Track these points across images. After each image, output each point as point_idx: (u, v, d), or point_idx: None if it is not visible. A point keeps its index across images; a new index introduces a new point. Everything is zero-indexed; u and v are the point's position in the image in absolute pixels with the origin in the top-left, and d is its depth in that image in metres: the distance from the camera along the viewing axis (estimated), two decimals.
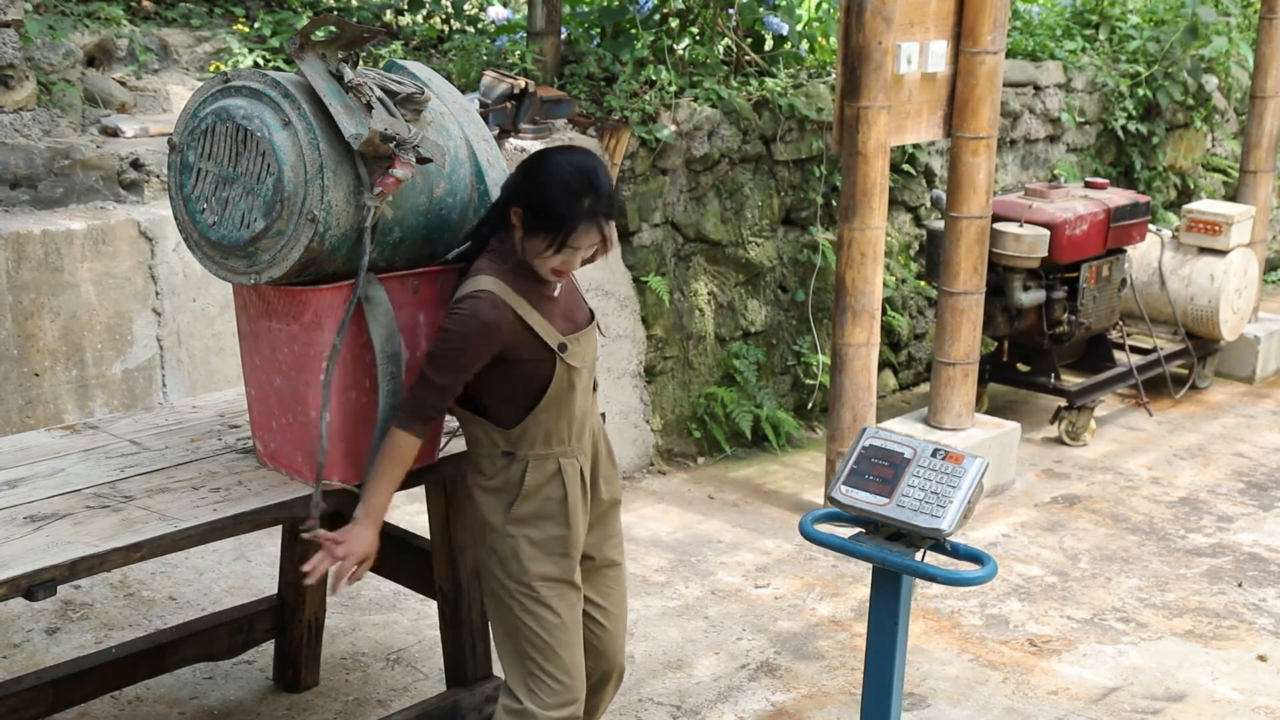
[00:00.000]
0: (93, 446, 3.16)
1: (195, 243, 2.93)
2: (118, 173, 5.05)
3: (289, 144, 2.78)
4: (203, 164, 2.86)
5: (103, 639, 4.14)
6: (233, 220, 2.83)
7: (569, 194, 2.82)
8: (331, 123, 2.79)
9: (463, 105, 3.12)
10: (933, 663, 4.27)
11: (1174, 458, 6.18)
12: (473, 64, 5.92)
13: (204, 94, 2.90)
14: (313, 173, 2.78)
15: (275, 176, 2.77)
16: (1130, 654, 4.38)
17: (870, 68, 4.91)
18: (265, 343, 3.00)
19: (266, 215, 2.79)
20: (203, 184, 2.87)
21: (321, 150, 2.79)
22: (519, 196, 2.86)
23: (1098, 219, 6.24)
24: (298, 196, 2.78)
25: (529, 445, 2.95)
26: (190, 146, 2.88)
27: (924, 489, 2.83)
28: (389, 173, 2.81)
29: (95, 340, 4.79)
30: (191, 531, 2.77)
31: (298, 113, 2.79)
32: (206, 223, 2.87)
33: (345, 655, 4.17)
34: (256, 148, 2.78)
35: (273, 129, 2.78)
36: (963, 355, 5.57)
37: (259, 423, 3.08)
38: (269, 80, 2.82)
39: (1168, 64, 8.01)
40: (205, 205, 2.87)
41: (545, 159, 2.89)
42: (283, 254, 2.82)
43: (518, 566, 2.98)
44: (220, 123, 2.82)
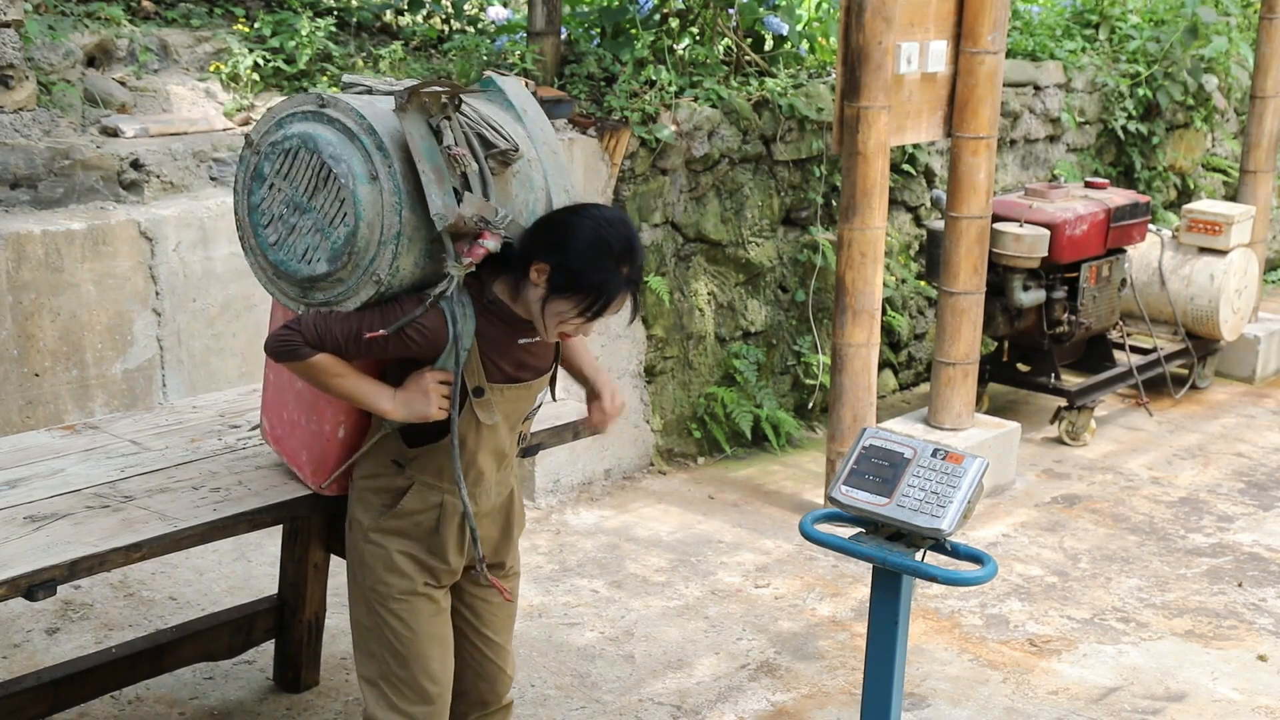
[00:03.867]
0: (93, 446, 3.17)
1: (250, 248, 2.83)
2: (118, 173, 5.05)
3: (372, 200, 2.65)
4: (277, 181, 2.74)
5: (103, 639, 4.14)
6: (295, 250, 2.73)
7: (609, 260, 2.69)
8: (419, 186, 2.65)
9: (551, 146, 2.93)
10: (933, 663, 4.27)
11: (1174, 458, 6.18)
12: (473, 64, 5.92)
13: (294, 108, 2.75)
14: (388, 236, 2.66)
15: (350, 229, 2.65)
16: (1130, 654, 4.37)
17: (870, 68, 4.91)
18: None
19: (331, 262, 2.68)
20: (273, 199, 2.75)
21: (403, 217, 2.66)
22: (549, 253, 2.70)
23: (1098, 219, 6.24)
24: (367, 254, 2.67)
25: (419, 470, 2.85)
26: (268, 157, 2.75)
27: (924, 489, 2.83)
28: (478, 244, 2.67)
29: (95, 340, 4.79)
30: (191, 531, 2.77)
31: (388, 170, 2.65)
32: (267, 239, 2.77)
33: (345, 655, 4.16)
34: (337, 192, 2.65)
35: (358, 179, 2.65)
36: (963, 355, 5.57)
37: (272, 406, 3.06)
38: (365, 125, 2.67)
39: (1168, 64, 8.01)
40: (270, 221, 2.76)
41: (581, 219, 2.74)
42: (337, 300, 2.74)
43: (374, 575, 2.89)
44: (305, 150, 2.69)
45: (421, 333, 2.70)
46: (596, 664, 4.17)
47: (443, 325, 2.71)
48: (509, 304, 2.77)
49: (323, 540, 3.81)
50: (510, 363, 2.83)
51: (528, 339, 2.83)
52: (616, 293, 2.71)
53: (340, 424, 2.94)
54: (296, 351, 2.74)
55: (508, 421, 2.88)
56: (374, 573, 2.89)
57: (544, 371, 2.92)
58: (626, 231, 2.75)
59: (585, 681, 4.08)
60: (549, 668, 4.14)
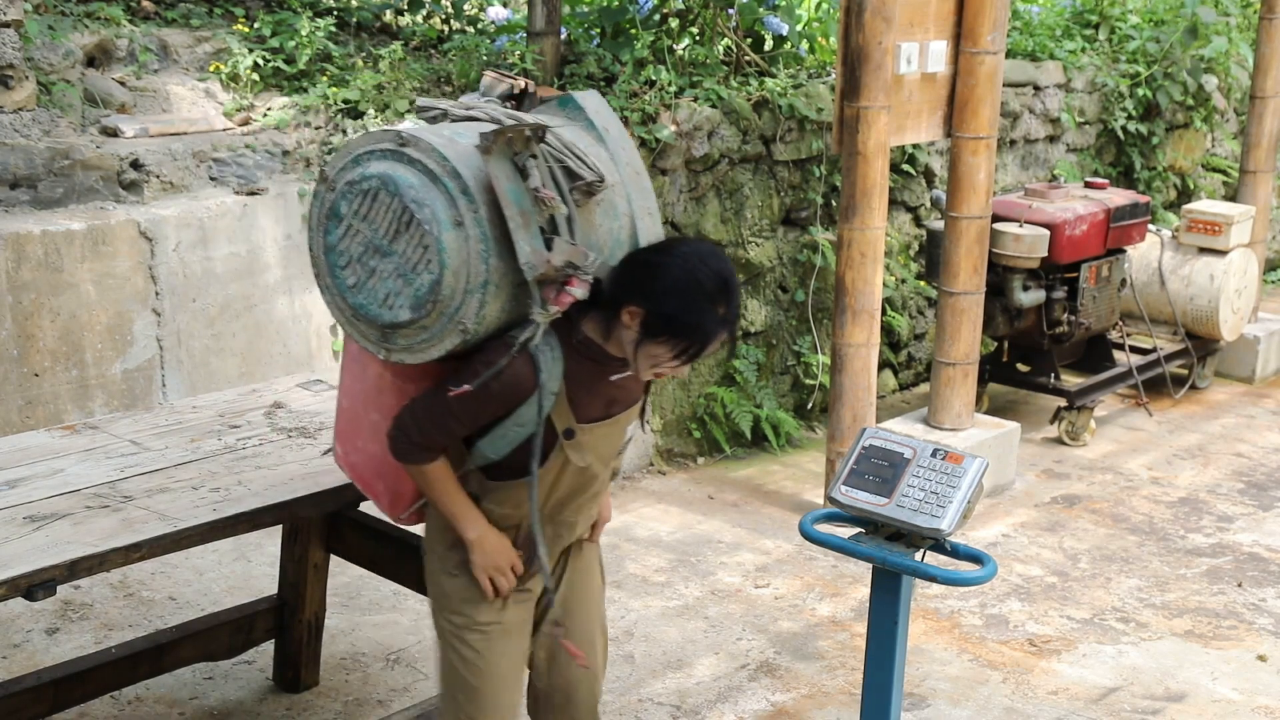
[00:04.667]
0: (92, 446, 3.17)
1: (325, 286, 2.69)
2: (117, 173, 5.05)
3: (457, 247, 2.52)
4: (356, 222, 2.60)
5: (102, 639, 4.14)
6: (375, 294, 2.59)
7: (704, 302, 2.57)
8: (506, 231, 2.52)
9: (634, 167, 2.78)
10: (933, 663, 4.27)
11: (1174, 458, 6.18)
12: (473, 64, 5.92)
13: (372, 145, 2.60)
14: (474, 285, 2.53)
15: (434, 277, 2.52)
16: (1130, 654, 4.37)
17: (870, 68, 4.91)
18: (373, 382, 2.83)
19: (414, 309, 2.55)
20: (350, 241, 2.61)
21: (490, 265, 2.53)
22: (641, 297, 2.58)
23: (1097, 219, 6.24)
24: (452, 303, 2.54)
25: (497, 503, 2.79)
26: (345, 197, 2.60)
27: (924, 489, 2.83)
28: (566, 290, 2.56)
29: (95, 340, 4.79)
30: (191, 531, 2.77)
31: (474, 216, 2.52)
32: (345, 281, 2.63)
33: (345, 655, 4.16)
34: (420, 239, 2.51)
35: (443, 226, 2.51)
36: (963, 355, 5.57)
37: (346, 434, 2.94)
38: (449, 167, 2.53)
39: (1168, 64, 8.01)
40: (348, 263, 2.62)
41: (673, 258, 2.61)
42: (421, 347, 2.61)
43: (451, 605, 2.85)
44: (386, 193, 2.55)
45: (506, 383, 2.59)
46: None
47: (530, 374, 2.59)
48: (600, 343, 2.67)
49: (322, 540, 3.81)
50: (601, 400, 2.73)
51: (620, 374, 2.72)
52: (713, 335, 2.60)
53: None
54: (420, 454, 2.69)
55: (601, 459, 2.79)
56: (451, 603, 2.84)
57: (634, 403, 2.83)
58: (720, 267, 2.61)
59: None
60: None
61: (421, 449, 2.69)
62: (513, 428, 2.67)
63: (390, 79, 5.80)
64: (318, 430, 3.31)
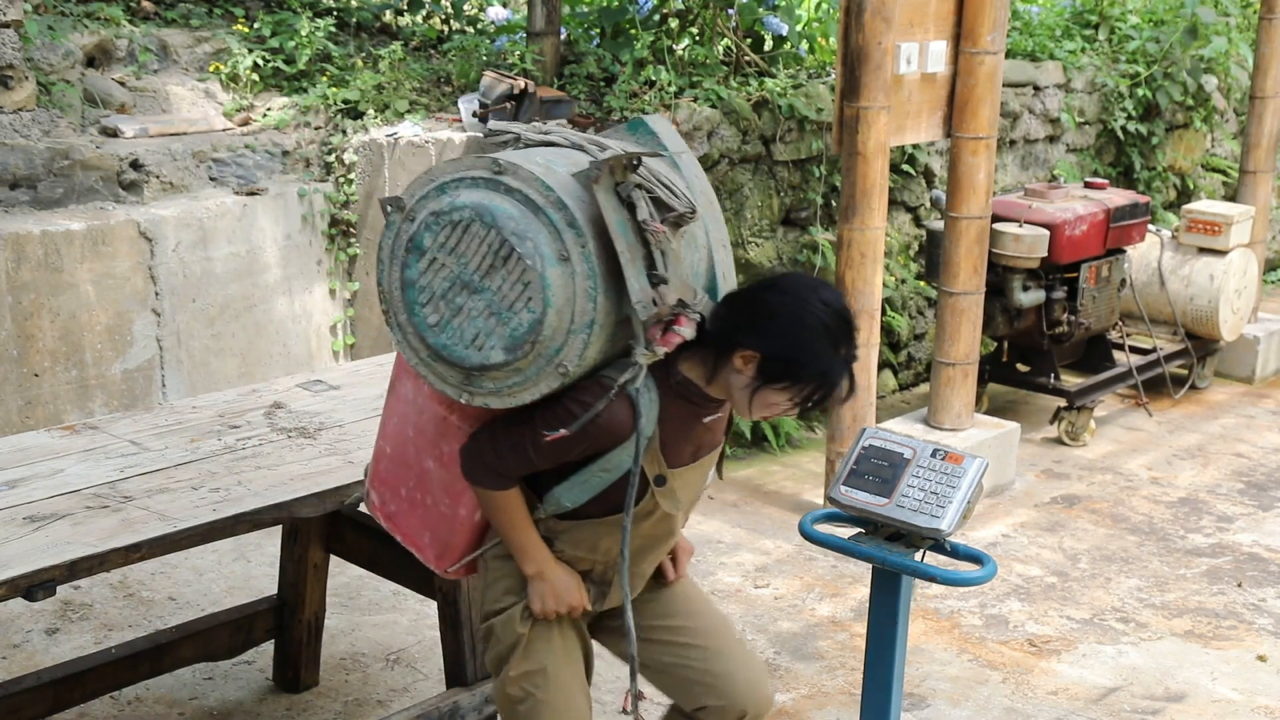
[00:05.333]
0: (92, 447, 3.16)
1: (398, 324, 2.47)
2: (117, 173, 5.06)
3: (562, 284, 2.32)
4: (442, 256, 2.37)
5: (102, 639, 4.14)
6: (462, 334, 2.38)
7: (830, 346, 2.44)
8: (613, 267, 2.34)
9: (708, 196, 2.62)
10: (932, 663, 4.27)
11: (1174, 458, 6.18)
12: (472, 64, 5.92)
13: (460, 172, 2.39)
14: (580, 325, 2.35)
15: (535, 316, 2.31)
16: (1130, 654, 4.37)
17: (870, 68, 4.91)
18: (431, 425, 2.64)
19: (509, 351, 2.35)
20: (434, 276, 2.38)
21: (598, 304, 2.34)
22: (757, 340, 2.43)
23: (1097, 219, 6.23)
24: (553, 343, 2.35)
25: (571, 546, 2.63)
26: (429, 228, 2.37)
27: (924, 489, 2.83)
28: (674, 330, 2.41)
29: (95, 340, 4.79)
30: (191, 531, 2.77)
31: (582, 251, 2.32)
32: (425, 320, 2.41)
33: (345, 655, 4.16)
34: (521, 275, 2.31)
35: (547, 261, 2.30)
36: (962, 355, 5.57)
37: (386, 480, 2.76)
38: (554, 198, 2.32)
39: (1167, 64, 8.01)
40: (429, 300, 2.40)
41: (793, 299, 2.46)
42: (512, 391, 2.42)
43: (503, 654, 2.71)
44: (481, 225, 2.33)
45: (602, 426, 2.44)
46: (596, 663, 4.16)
47: (628, 417, 2.43)
48: (701, 385, 2.52)
49: (322, 540, 3.81)
50: (691, 444, 2.59)
51: (712, 416, 2.60)
52: (838, 380, 2.46)
53: (479, 507, 2.68)
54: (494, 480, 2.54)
55: (683, 507, 2.67)
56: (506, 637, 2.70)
57: (718, 446, 2.69)
58: (841, 306, 2.48)
59: None
60: None
61: (497, 475, 2.54)
62: (598, 473, 2.53)
63: (390, 79, 5.81)
64: (317, 430, 3.31)
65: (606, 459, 2.50)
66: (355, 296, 5.73)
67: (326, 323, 5.67)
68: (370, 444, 3.20)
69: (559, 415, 2.44)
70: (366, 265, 5.68)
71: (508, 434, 2.51)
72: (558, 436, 2.43)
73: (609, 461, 2.50)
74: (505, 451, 2.51)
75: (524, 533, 2.60)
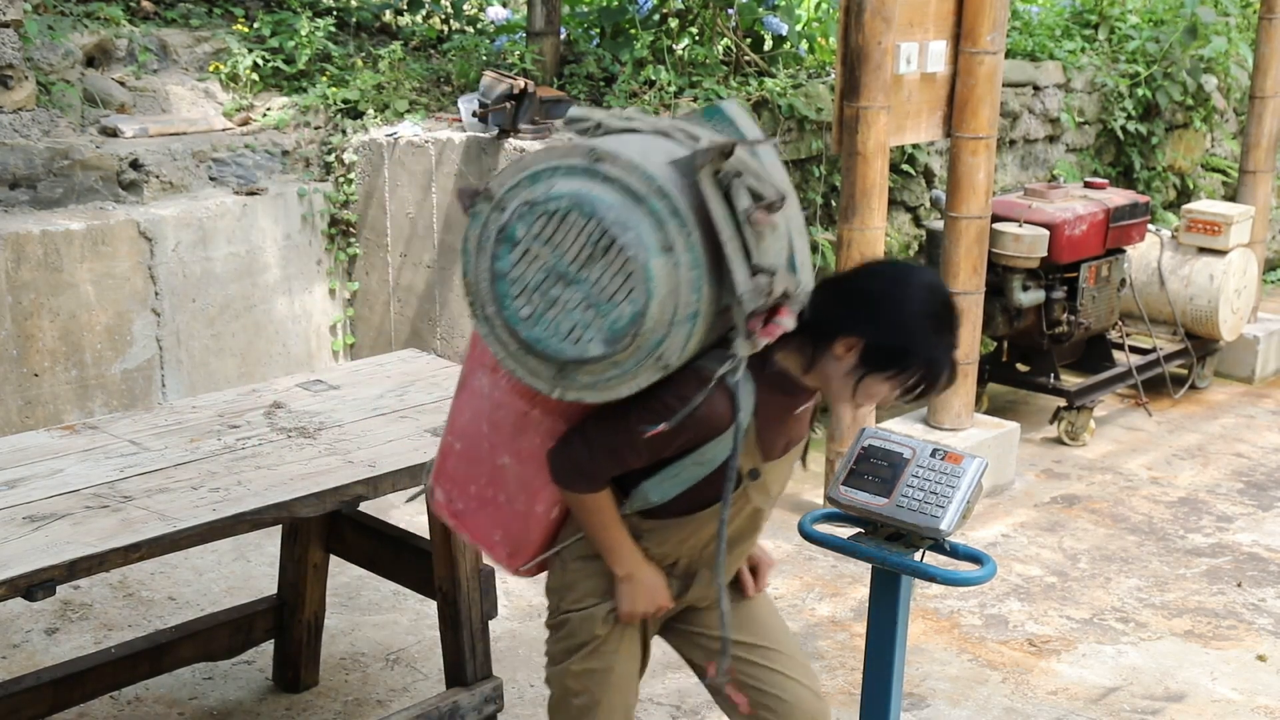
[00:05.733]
0: (92, 447, 3.16)
1: (485, 317, 2.40)
2: (117, 173, 5.06)
3: (665, 275, 2.25)
4: (535, 246, 2.30)
5: (102, 639, 4.14)
6: (556, 328, 2.31)
7: (935, 334, 2.41)
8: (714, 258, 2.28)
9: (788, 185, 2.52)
10: (932, 663, 4.27)
11: (1173, 458, 6.18)
12: (472, 64, 5.92)
13: (554, 161, 2.33)
14: (683, 317, 2.28)
15: (637, 308, 2.25)
16: (1130, 654, 4.37)
17: (870, 68, 4.91)
18: (509, 420, 2.57)
19: (608, 344, 2.28)
20: (527, 267, 2.31)
21: (704, 294, 2.28)
22: (861, 327, 2.40)
23: (1097, 219, 6.23)
24: (654, 336, 2.28)
25: (656, 544, 2.59)
26: (523, 218, 2.30)
27: (923, 489, 2.83)
28: (775, 321, 2.36)
29: (94, 340, 4.79)
30: (190, 531, 2.77)
31: (686, 241, 2.26)
32: (517, 312, 2.33)
33: (345, 655, 4.16)
34: (622, 266, 2.25)
35: (650, 252, 2.24)
36: (962, 355, 5.55)
37: (455, 477, 2.69)
38: (655, 186, 2.26)
39: (1167, 64, 8.01)
40: (521, 292, 2.33)
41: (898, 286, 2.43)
42: (608, 385, 2.35)
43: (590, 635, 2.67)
44: (580, 215, 2.26)
45: (700, 419, 2.39)
46: None
47: (727, 410, 2.38)
48: (797, 375, 2.49)
49: (322, 540, 3.81)
50: (783, 436, 2.57)
51: (803, 406, 2.57)
52: (944, 367, 2.43)
53: (556, 504, 2.63)
54: (586, 483, 2.50)
55: (772, 501, 2.66)
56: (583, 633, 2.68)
57: (804, 438, 2.66)
58: (945, 293, 2.47)
59: None
60: None
61: (588, 479, 2.50)
62: (690, 467, 2.48)
63: (390, 79, 5.81)
64: (317, 430, 3.30)
65: (701, 452, 2.45)
66: (355, 296, 5.73)
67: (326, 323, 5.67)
68: (370, 444, 3.21)
69: (656, 410, 2.38)
70: (366, 265, 5.68)
71: (600, 434, 2.45)
72: (657, 432, 2.36)
73: (703, 455, 2.45)
74: (598, 453, 2.46)
75: (616, 534, 2.55)
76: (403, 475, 3.10)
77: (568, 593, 2.68)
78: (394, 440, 3.25)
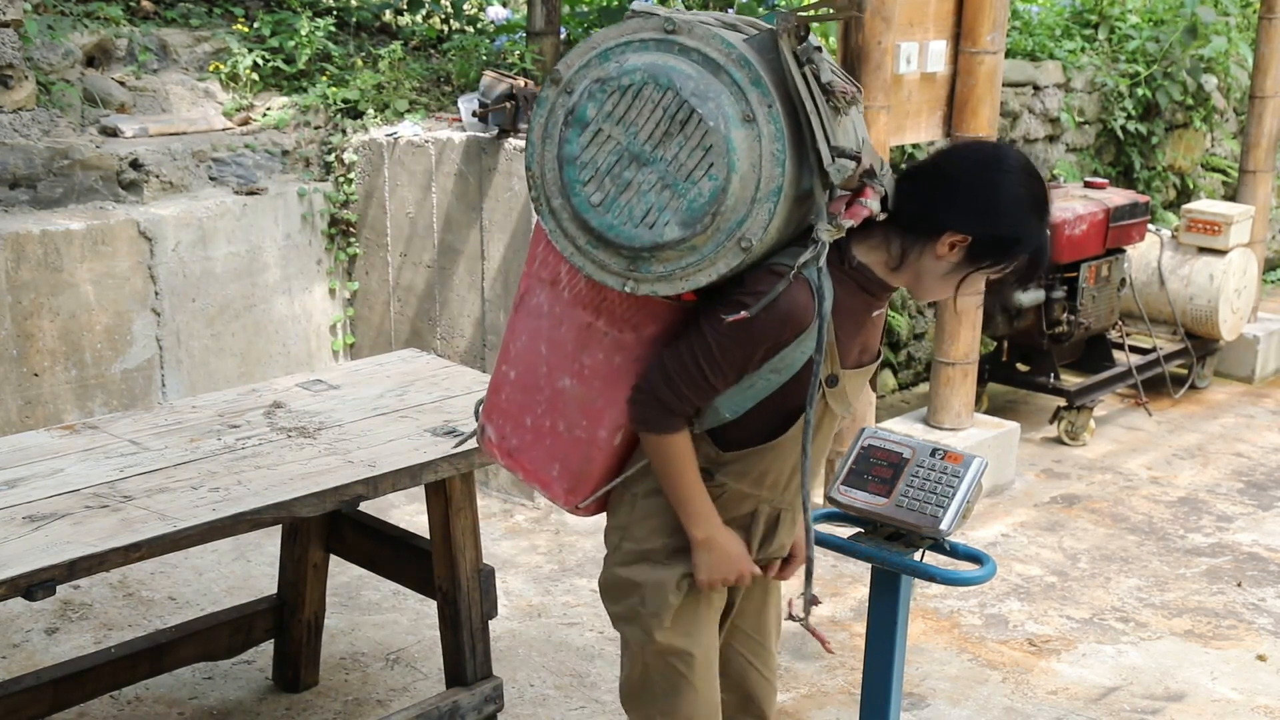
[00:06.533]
0: (92, 446, 3.16)
1: (552, 210, 2.30)
2: (117, 173, 5.05)
3: (747, 148, 2.16)
4: (608, 126, 2.20)
5: (102, 639, 4.14)
6: (630, 212, 2.22)
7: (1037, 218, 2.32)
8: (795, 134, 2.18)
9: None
10: (932, 663, 4.27)
11: (1173, 457, 6.18)
12: (472, 64, 5.92)
13: (626, 35, 2.23)
14: (765, 193, 2.18)
15: (717, 184, 2.16)
16: (1130, 654, 4.37)
17: (869, 68, 4.91)
18: (571, 336, 2.44)
19: (686, 226, 2.19)
20: (598, 150, 2.22)
21: (786, 168, 2.18)
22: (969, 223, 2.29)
23: (1097, 219, 6.24)
24: (735, 215, 2.19)
25: (735, 478, 2.46)
26: (593, 97, 2.21)
27: (923, 489, 2.83)
28: (859, 203, 2.27)
29: (94, 340, 4.79)
30: (190, 531, 2.77)
31: (768, 111, 2.16)
32: (588, 198, 2.24)
33: (345, 655, 4.16)
34: (701, 140, 2.16)
35: (731, 123, 2.15)
36: (962, 355, 5.57)
37: (508, 411, 2.56)
38: (735, 55, 2.16)
39: (1167, 64, 8.01)
40: (592, 178, 2.24)
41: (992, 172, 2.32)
42: (685, 273, 2.25)
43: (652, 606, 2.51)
44: (655, 88, 2.17)
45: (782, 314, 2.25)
46: (595, 664, 4.17)
47: (809, 302, 2.25)
48: (879, 272, 2.39)
49: (322, 540, 3.81)
50: (858, 342, 2.45)
51: (877, 309, 2.47)
52: (1047, 253, 2.35)
53: (620, 427, 2.47)
54: (668, 420, 2.36)
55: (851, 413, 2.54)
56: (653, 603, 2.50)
57: (875, 354, 2.56)
58: (1034, 170, 2.35)
59: (584, 681, 4.08)
60: (548, 667, 4.14)
61: (672, 414, 2.35)
62: (766, 375, 2.34)
63: (390, 79, 5.80)
64: (317, 430, 3.30)
65: (780, 358, 2.32)
66: (355, 296, 5.72)
67: (326, 322, 5.66)
68: (370, 443, 3.21)
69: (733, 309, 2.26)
70: (366, 264, 5.68)
71: (679, 361, 2.34)
72: (740, 318, 2.23)
73: (780, 361, 2.32)
74: (681, 380, 2.33)
75: (696, 489, 2.42)
76: (403, 475, 3.10)
77: (632, 529, 2.53)
78: (394, 440, 3.25)
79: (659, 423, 2.37)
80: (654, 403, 2.36)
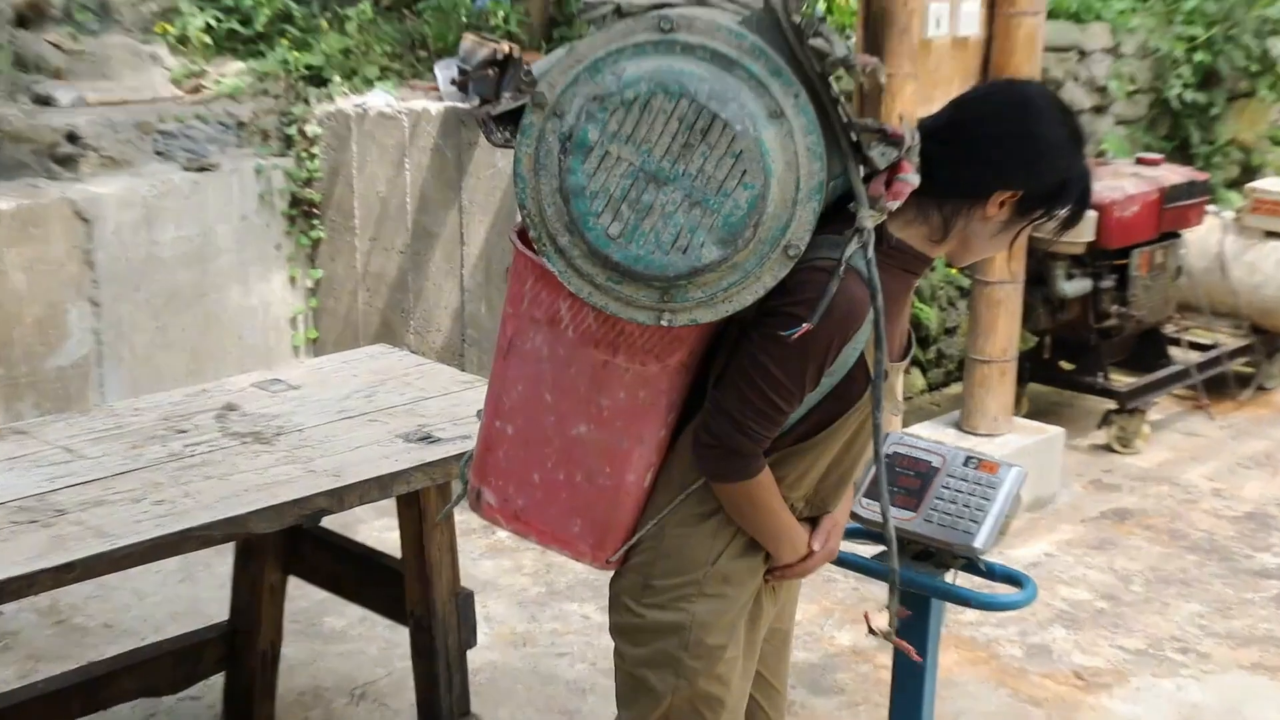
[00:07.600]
0: (19, 454, 3.16)
1: (559, 248, 2.24)
2: (50, 146, 5.05)
3: (779, 147, 2.14)
4: (615, 147, 2.16)
5: (28, 672, 4.14)
6: (657, 239, 2.17)
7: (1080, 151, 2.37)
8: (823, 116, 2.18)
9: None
10: (966, 698, 4.26)
11: (1238, 467, 6.18)
12: (450, 26, 5.91)
13: (618, 42, 2.18)
14: (807, 192, 2.17)
15: (754, 192, 2.13)
16: (1190, 689, 4.37)
17: (894, 31, 4.90)
18: (584, 377, 2.39)
19: (725, 243, 2.16)
20: (609, 176, 2.17)
21: (824, 162, 2.17)
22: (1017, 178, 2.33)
23: (1150, 199, 6.23)
24: (778, 222, 2.17)
25: (779, 482, 2.45)
26: (593, 117, 2.16)
27: (955, 501, 2.82)
28: (900, 179, 2.26)
29: (24, 334, 4.78)
30: (131, 549, 2.76)
31: (795, 102, 2.14)
32: (604, 231, 2.19)
33: (304, 690, 4.16)
34: (729, 146, 2.12)
35: (759, 123, 2.13)
36: (999, 352, 5.56)
37: (509, 470, 2.51)
38: (748, 45, 2.13)
39: (1229, 25, 8.01)
40: (605, 208, 2.18)
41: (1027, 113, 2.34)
42: (727, 294, 2.22)
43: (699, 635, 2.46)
44: (666, 97, 2.13)
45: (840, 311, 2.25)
46: (588, 699, 4.17)
47: (863, 291, 2.26)
48: (921, 246, 2.43)
49: (280, 559, 3.81)
50: (899, 327, 2.49)
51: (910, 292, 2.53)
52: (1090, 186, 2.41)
53: (650, 466, 2.47)
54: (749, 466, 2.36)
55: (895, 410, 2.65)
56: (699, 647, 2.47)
57: (907, 337, 2.61)
58: (1062, 101, 2.41)
59: (575, 719, 4.08)
60: (535, 703, 4.14)
61: (747, 455, 2.36)
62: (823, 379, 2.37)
63: (358, 42, 5.80)
64: (275, 435, 3.30)
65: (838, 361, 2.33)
66: (318, 285, 5.72)
67: (286, 314, 5.66)
68: (335, 451, 3.20)
69: (789, 323, 2.23)
70: (331, 250, 5.67)
71: (742, 400, 2.32)
72: (802, 332, 2.20)
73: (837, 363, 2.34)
74: (752, 423, 2.32)
75: (786, 518, 2.46)
76: (371, 486, 3.09)
77: (662, 564, 2.49)
78: (361, 447, 3.24)
79: (741, 471, 2.38)
80: (729, 454, 2.36)
